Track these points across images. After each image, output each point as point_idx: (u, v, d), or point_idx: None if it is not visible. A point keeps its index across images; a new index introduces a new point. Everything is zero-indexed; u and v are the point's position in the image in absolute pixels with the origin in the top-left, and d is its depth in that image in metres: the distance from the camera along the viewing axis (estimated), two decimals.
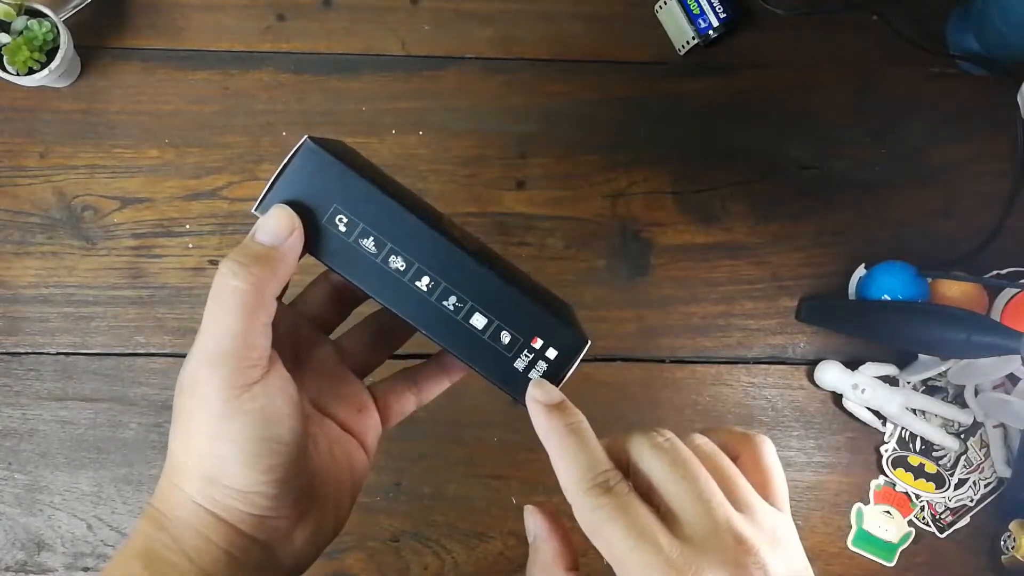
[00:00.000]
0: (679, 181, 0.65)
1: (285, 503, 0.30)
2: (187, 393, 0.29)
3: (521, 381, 0.31)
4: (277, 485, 0.29)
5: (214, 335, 0.29)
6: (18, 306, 0.62)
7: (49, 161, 0.63)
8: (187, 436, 0.30)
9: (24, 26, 0.58)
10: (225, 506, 0.29)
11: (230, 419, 0.28)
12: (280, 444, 0.29)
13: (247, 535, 0.30)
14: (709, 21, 0.63)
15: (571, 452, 0.28)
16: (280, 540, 0.31)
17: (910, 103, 0.66)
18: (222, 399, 0.28)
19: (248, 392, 0.29)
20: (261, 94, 0.64)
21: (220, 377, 0.28)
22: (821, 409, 0.64)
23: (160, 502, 0.30)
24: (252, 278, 0.29)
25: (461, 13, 0.65)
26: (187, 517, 0.29)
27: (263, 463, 0.29)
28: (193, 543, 0.29)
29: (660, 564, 0.25)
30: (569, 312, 0.37)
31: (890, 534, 0.63)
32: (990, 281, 0.63)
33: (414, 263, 0.30)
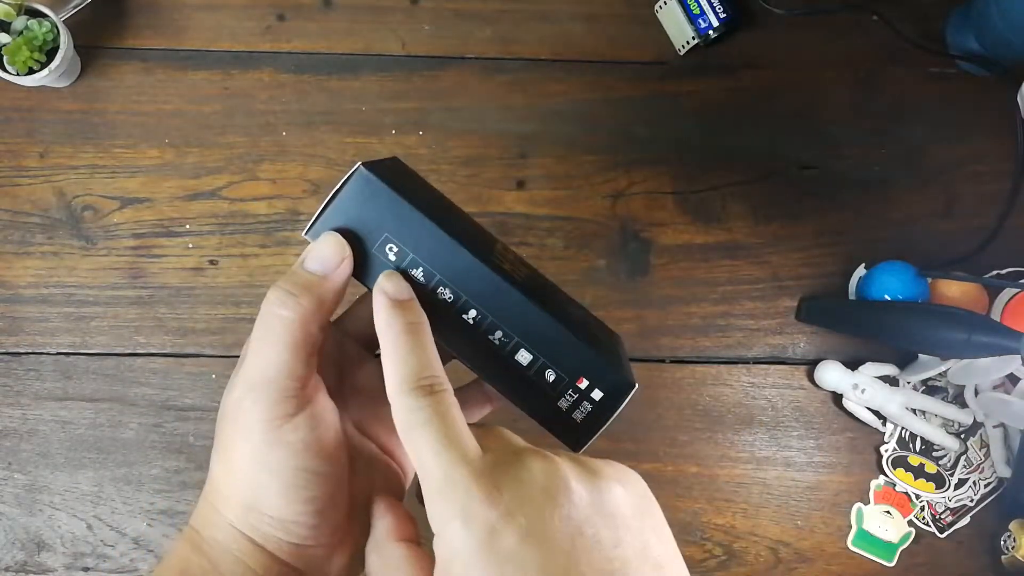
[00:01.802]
0: (679, 181, 0.65)
1: (324, 531, 0.30)
2: (230, 420, 0.29)
3: (564, 420, 0.30)
4: (317, 515, 0.29)
5: (259, 364, 0.28)
6: (18, 306, 0.62)
7: (49, 161, 0.63)
8: (228, 463, 0.29)
9: (24, 26, 0.58)
10: (263, 533, 0.29)
11: (271, 449, 0.28)
12: (321, 475, 0.29)
13: (284, 563, 0.30)
14: (709, 21, 0.63)
15: (404, 350, 0.27)
16: (317, 568, 0.30)
17: (910, 103, 0.66)
18: (263, 429, 0.28)
19: (290, 423, 0.28)
20: (261, 94, 0.64)
21: (263, 407, 0.28)
22: (821, 409, 0.64)
23: (198, 523, 0.30)
24: (300, 308, 0.28)
25: (461, 13, 0.65)
26: (224, 541, 0.29)
27: (303, 494, 0.29)
28: (230, 567, 0.29)
29: (463, 475, 0.24)
30: (617, 347, 0.36)
31: (890, 534, 0.63)
32: (990, 281, 0.63)
33: (462, 295, 0.30)
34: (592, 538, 0.24)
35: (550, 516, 0.24)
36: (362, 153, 0.64)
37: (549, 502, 0.24)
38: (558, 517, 0.24)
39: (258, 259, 0.63)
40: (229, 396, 0.29)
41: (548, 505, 0.24)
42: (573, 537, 0.24)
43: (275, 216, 0.63)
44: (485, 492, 0.24)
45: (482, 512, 0.24)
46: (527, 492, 0.24)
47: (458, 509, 0.24)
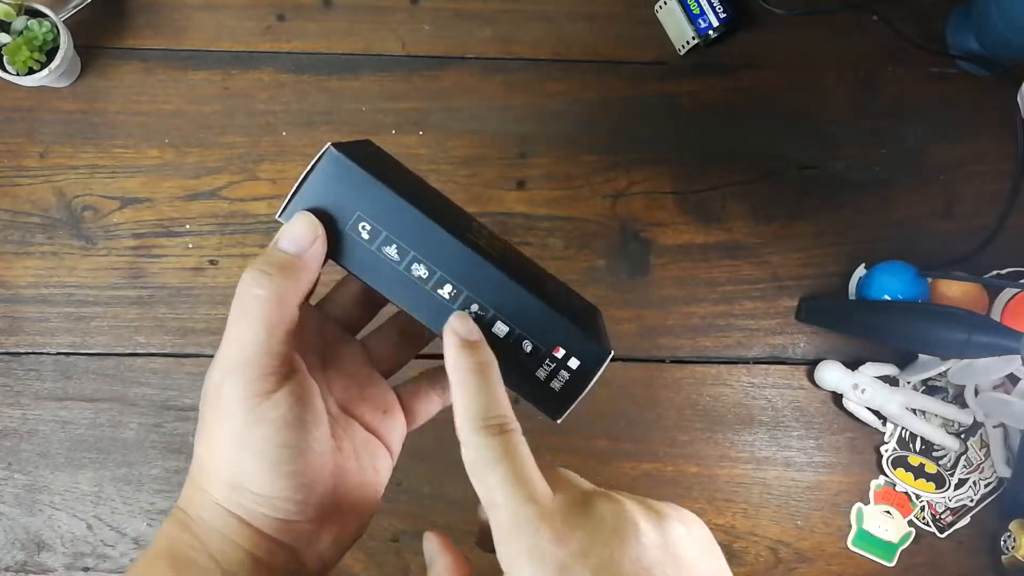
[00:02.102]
0: (679, 181, 0.65)
1: (309, 507, 0.30)
2: (211, 402, 0.30)
3: (543, 390, 0.31)
4: (301, 490, 0.29)
5: (236, 344, 0.29)
6: (18, 306, 0.62)
7: (49, 161, 0.63)
8: (211, 443, 0.30)
9: (24, 26, 0.58)
10: (249, 510, 0.29)
11: (253, 427, 0.29)
12: (303, 451, 0.29)
13: (272, 539, 0.30)
14: (709, 21, 0.63)
15: (473, 390, 0.28)
16: (305, 543, 0.31)
17: (910, 103, 0.66)
18: (244, 407, 0.28)
19: (270, 400, 0.29)
20: (261, 94, 0.64)
21: (242, 385, 0.28)
22: (821, 409, 0.64)
23: (186, 504, 0.31)
24: (275, 287, 0.29)
25: (461, 13, 0.65)
26: (212, 520, 0.30)
27: (286, 469, 0.29)
28: (218, 545, 0.29)
29: (533, 514, 0.25)
30: (594, 317, 0.37)
31: (890, 534, 0.63)
32: (990, 281, 0.63)
33: (436, 271, 0.30)
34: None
35: (620, 557, 0.24)
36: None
37: (620, 543, 0.24)
38: (628, 559, 0.24)
39: None
40: (209, 379, 0.30)
41: (619, 546, 0.24)
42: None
43: (275, 216, 0.63)
44: (555, 531, 0.24)
45: (552, 551, 0.24)
46: (598, 533, 0.25)
47: (528, 547, 0.24)
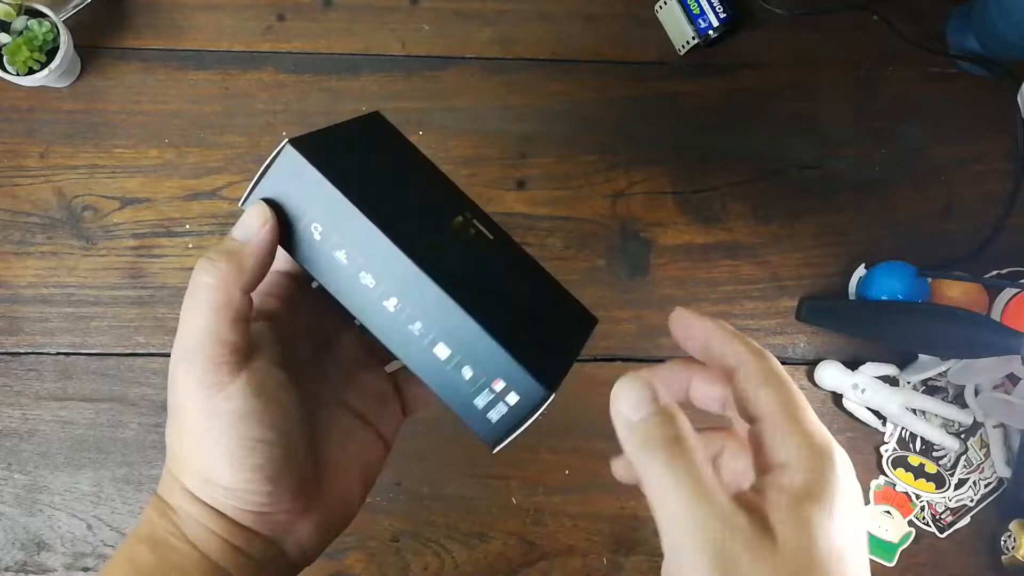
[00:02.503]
0: (679, 181, 0.65)
1: (282, 499, 0.30)
2: (171, 391, 0.30)
3: (480, 418, 0.29)
4: (268, 482, 0.29)
5: (187, 331, 0.29)
6: (18, 306, 0.62)
7: (49, 161, 0.63)
8: (179, 432, 0.30)
9: (24, 26, 0.58)
10: (219, 501, 0.29)
11: (210, 418, 0.28)
12: (265, 443, 0.29)
13: (247, 528, 0.30)
14: (709, 21, 0.63)
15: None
16: (283, 533, 0.31)
17: (910, 103, 0.66)
18: (199, 398, 0.28)
19: (223, 392, 0.28)
20: (261, 94, 0.64)
21: (194, 375, 0.28)
22: (821, 409, 0.64)
23: (163, 491, 0.31)
24: (219, 273, 0.29)
25: (461, 13, 0.65)
26: (188, 508, 0.30)
27: (248, 462, 0.28)
28: (195, 532, 0.29)
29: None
30: (565, 341, 0.34)
31: (890, 534, 0.63)
32: (990, 281, 0.63)
33: (382, 283, 0.29)
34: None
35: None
36: None
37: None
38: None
39: None
40: (172, 371, 0.30)
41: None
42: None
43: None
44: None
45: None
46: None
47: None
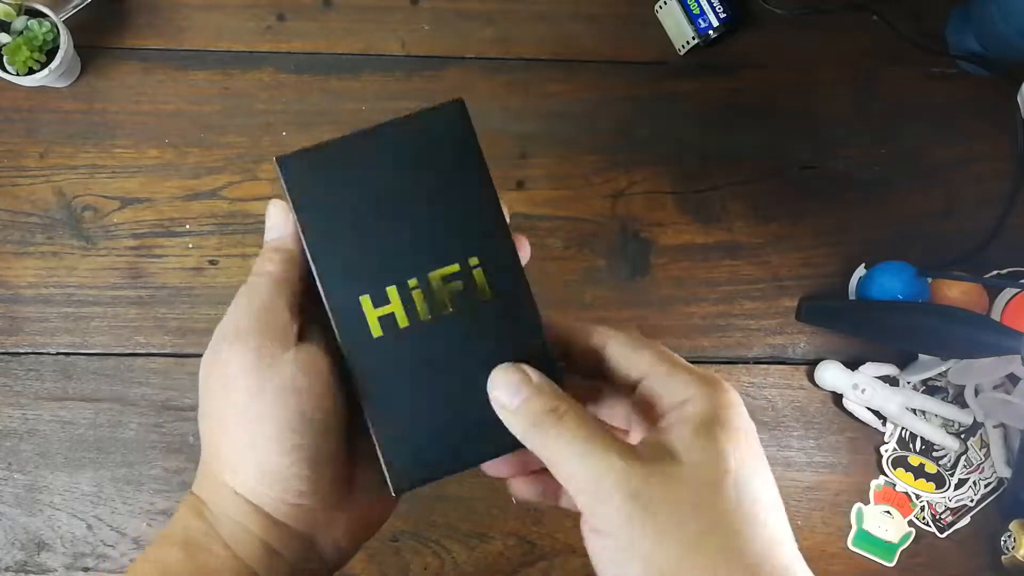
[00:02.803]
0: (679, 181, 0.65)
1: (321, 488, 0.30)
2: (214, 373, 0.30)
3: (383, 463, 0.31)
4: (308, 465, 0.29)
5: (240, 313, 0.30)
6: (18, 306, 0.62)
7: (49, 161, 0.63)
8: (218, 420, 0.30)
9: (24, 26, 0.58)
10: (261, 494, 0.29)
11: (257, 394, 0.29)
12: (308, 421, 0.29)
13: (285, 525, 0.30)
14: (709, 21, 0.63)
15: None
16: (320, 530, 0.31)
17: (910, 103, 0.66)
18: (247, 373, 0.29)
19: (273, 367, 0.29)
20: (261, 94, 0.64)
21: (244, 350, 0.29)
22: (821, 409, 0.64)
23: (200, 490, 0.31)
24: (274, 265, 0.31)
25: (461, 13, 0.65)
26: (226, 506, 0.30)
27: (291, 441, 0.29)
28: (231, 532, 0.29)
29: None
30: (462, 451, 0.31)
31: (890, 534, 0.63)
32: (990, 281, 0.63)
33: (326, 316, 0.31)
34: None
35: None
36: None
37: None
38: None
39: None
40: (207, 353, 0.30)
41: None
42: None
43: None
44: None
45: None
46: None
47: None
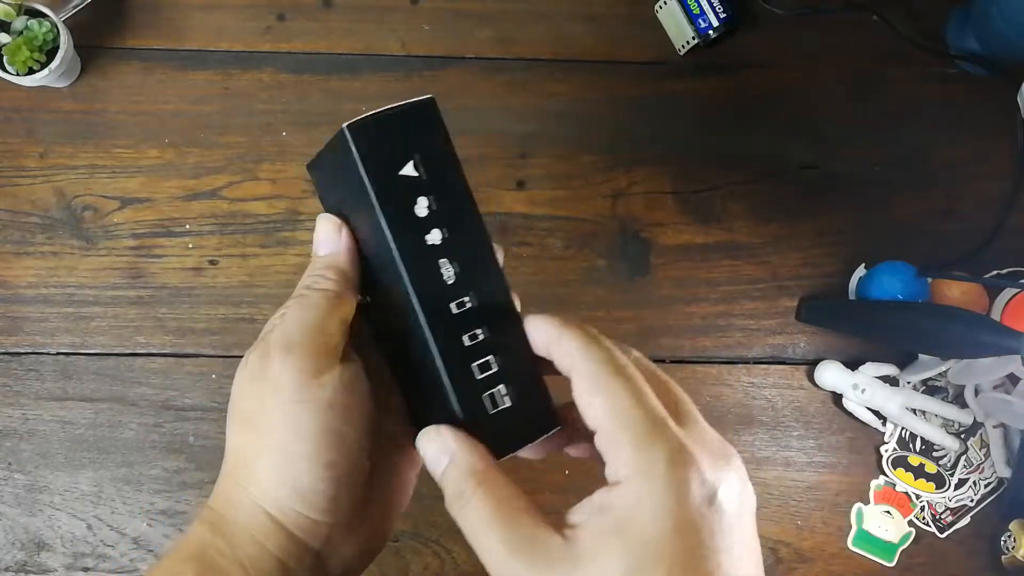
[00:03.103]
0: (679, 181, 0.65)
1: (342, 506, 0.30)
2: (256, 378, 0.30)
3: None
4: (337, 483, 0.30)
5: (291, 325, 0.30)
6: (18, 306, 0.62)
7: (49, 161, 0.63)
8: (253, 427, 0.30)
9: (24, 26, 0.58)
10: (284, 508, 0.29)
11: (299, 405, 0.29)
12: (345, 439, 0.30)
13: (302, 542, 0.30)
14: (709, 21, 0.63)
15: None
16: (332, 549, 0.31)
17: (910, 103, 0.66)
18: (293, 384, 0.29)
19: (318, 380, 0.29)
20: (261, 94, 0.64)
21: (294, 360, 0.29)
22: (821, 409, 0.64)
23: (219, 503, 0.31)
24: (329, 283, 0.31)
25: (461, 13, 0.65)
26: (245, 521, 0.30)
27: (326, 457, 0.29)
28: (248, 550, 0.29)
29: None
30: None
31: (890, 534, 0.63)
32: (990, 281, 0.63)
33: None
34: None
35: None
36: None
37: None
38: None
39: (258, 259, 0.63)
40: (250, 357, 0.30)
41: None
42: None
43: (275, 216, 0.63)
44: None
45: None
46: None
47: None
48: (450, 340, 0.29)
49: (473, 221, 0.31)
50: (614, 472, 0.25)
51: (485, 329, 0.30)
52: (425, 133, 0.30)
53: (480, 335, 0.30)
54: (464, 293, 0.30)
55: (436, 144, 0.30)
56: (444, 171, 0.30)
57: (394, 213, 0.30)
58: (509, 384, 0.30)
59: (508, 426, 0.30)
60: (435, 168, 0.30)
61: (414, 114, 0.30)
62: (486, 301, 0.30)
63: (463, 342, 0.30)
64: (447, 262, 0.30)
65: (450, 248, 0.30)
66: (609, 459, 0.26)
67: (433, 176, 0.30)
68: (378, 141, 0.30)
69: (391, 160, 0.30)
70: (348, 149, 0.29)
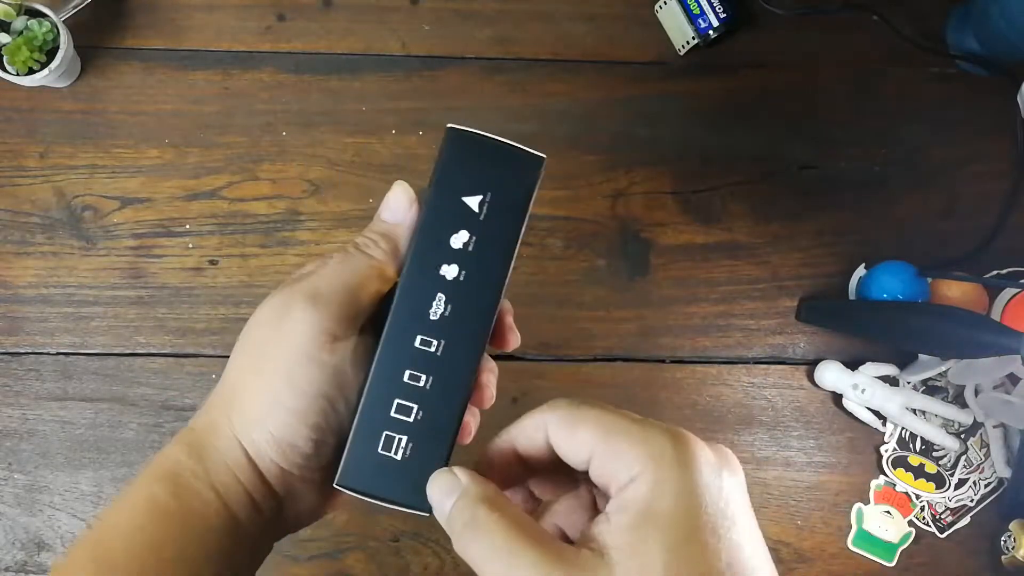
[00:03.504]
0: (679, 181, 0.65)
1: (311, 465, 0.31)
2: (272, 322, 0.30)
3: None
4: (314, 445, 0.30)
5: (326, 279, 0.30)
6: (18, 306, 0.62)
7: (49, 161, 0.63)
8: (256, 366, 0.30)
9: (24, 26, 0.58)
10: (260, 451, 0.30)
11: (306, 363, 0.29)
12: (335, 407, 0.30)
13: (270, 486, 0.30)
14: (709, 21, 0.63)
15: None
16: (292, 500, 0.31)
17: (910, 103, 0.66)
18: (307, 340, 0.29)
19: (332, 345, 0.29)
20: (261, 94, 0.64)
21: (316, 316, 0.29)
22: (821, 409, 0.64)
23: (201, 426, 0.31)
24: (381, 253, 0.31)
25: (461, 13, 0.65)
26: (224, 450, 0.30)
27: (313, 419, 0.29)
28: (222, 478, 0.29)
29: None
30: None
31: (890, 534, 0.63)
32: (990, 281, 0.63)
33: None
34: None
35: None
36: (362, 153, 0.64)
37: None
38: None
39: (258, 259, 0.63)
40: (273, 300, 0.30)
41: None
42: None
43: (275, 216, 0.63)
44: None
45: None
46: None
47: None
48: (393, 366, 0.29)
49: (493, 285, 0.29)
50: (621, 478, 0.25)
51: (430, 380, 0.29)
52: (512, 182, 0.29)
53: (422, 381, 0.29)
54: (437, 336, 0.29)
55: (514, 197, 0.29)
56: (503, 225, 0.29)
57: (432, 226, 0.29)
58: (413, 441, 0.29)
59: (380, 471, 0.29)
60: (497, 217, 0.29)
61: (517, 159, 0.29)
62: (449, 358, 0.29)
63: (403, 374, 0.29)
64: (443, 300, 0.29)
65: (455, 291, 0.29)
66: (612, 470, 0.25)
67: (489, 223, 0.29)
68: (466, 156, 0.29)
69: (464, 182, 0.29)
70: (442, 146, 0.29)
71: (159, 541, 0.28)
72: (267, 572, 0.31)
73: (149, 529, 0.28)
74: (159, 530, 0.28)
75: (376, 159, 0.64)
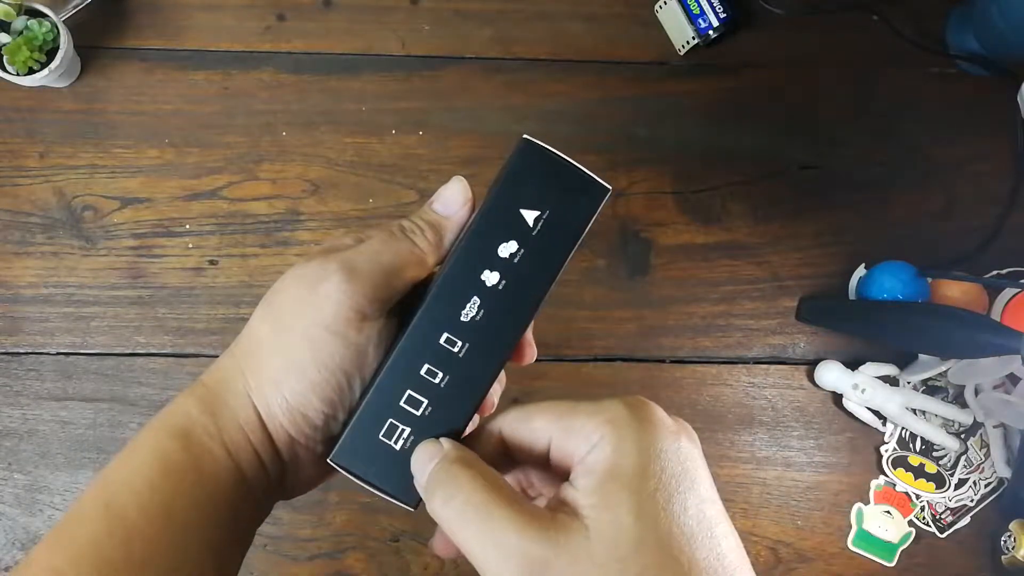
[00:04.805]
0: (679, 181, 0.65)
1: (319, 438, 0.31)
2: (304, 288, 0.29)
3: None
4: (324, 419, 0.30)
5: (365, 255, 0.30)
6: (18, 306, 0.62)
7: (49, 161, 0.63)
8: (279, 330, 0.30)
9: (24, 26, 0.58)
10: (271, 414, 0.30)
11: (332, 337, 0.29)
12: (351, 384, 0.30)
13: (277, 450, 0.30)
14: (709, 21, 0.63)
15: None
16: (295, 467, 0.31)
17: (910, 103, 0.66)
18: (336, 314, 0.29)
19: (362, 322, 0.29)
20: (261, 94, 0.64)
21: (349, 290, 0.29)
22: (821, 409, 0.64)
23: (214, 381, 0.30)
24: (425, 242, 0.31)
25: (461, 13, 0.65)
26: (236, 408, 0.30)
27: (328, 394, 0.29)
28: (233, 436, 0.29)
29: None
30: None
31: (890, 534, 0.63)
32: (990, 281, 0.63)
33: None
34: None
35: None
36: (362, 153, 0.64)
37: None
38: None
39: (258, 259, 0.63)
40: (312, 263, 0.30)
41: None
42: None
43: (275, 216, 0.63)
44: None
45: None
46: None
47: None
48: (413, 358, 0.29)
49: (530, 300, 0.30)
50: (581, 450, 0.26)
51: (446, 379, 0.29)
52: (573, 205, 0.30)
53: (437, 378, 0.29)
54: (463, 338, 0.29)
55: (571, 220, 0.30)
56: (554, 245, 0.30)
57: (484, 229, 0.29)
58: (415, 435, 0.29)
59: (376, 457, 0.29)
60: (550, 236, 0.29)
61: (582, 182, 0.30)
62: (469, 361, 0.29)
63: (420, 367, 0.29)
64: (477, 304, 0.29)
65: (491, 297, 0.29)
66: (572, 446, 0.26)
67: (541, 239, 0.29)
68: (534, 170, 0.29)
69: (526, 194, 0.29)
70: (512, 154, 0.29)
71: (172, 500, 0.28)
72: (267, 572, 0.31)
73: (161, 486, 0.28)
74: (172, 488, 0.28)
75: (376, 159, 0.64)
